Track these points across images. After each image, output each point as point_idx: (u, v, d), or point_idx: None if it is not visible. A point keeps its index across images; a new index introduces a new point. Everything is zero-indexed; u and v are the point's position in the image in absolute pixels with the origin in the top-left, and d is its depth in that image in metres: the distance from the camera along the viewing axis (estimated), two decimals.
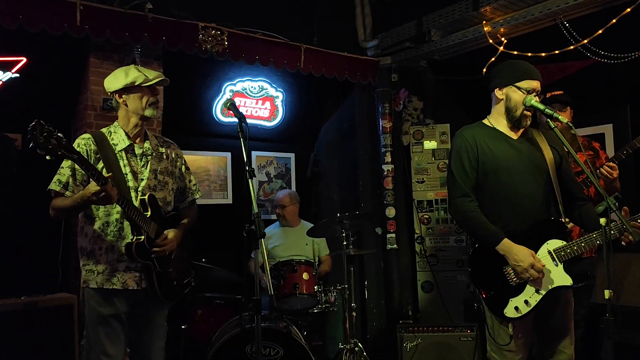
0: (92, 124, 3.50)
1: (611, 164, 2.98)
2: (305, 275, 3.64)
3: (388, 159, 4.79)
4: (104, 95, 3.44)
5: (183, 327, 3.54)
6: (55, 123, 2.05)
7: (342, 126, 5.12)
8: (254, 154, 4.92)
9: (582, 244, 2.33)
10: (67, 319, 3.33)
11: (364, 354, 3.65)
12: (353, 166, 4.97)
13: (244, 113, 3.51)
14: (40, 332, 3.27)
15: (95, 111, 3.53)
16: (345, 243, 3.62)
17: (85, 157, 2.29)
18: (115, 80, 2.47)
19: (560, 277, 2.34)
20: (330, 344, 4.34)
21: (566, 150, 2.42)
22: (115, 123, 2.54)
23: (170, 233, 2.50)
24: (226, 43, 3.84)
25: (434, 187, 4.75)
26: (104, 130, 2.52)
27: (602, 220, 2.04)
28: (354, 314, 3.66)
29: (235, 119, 2.34)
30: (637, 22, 3.35)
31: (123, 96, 2.47)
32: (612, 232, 2.25)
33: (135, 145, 2.52)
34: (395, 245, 4.74)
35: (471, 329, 3.89)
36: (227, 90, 4.51)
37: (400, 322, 4.11)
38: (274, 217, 4.75)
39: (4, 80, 3.42)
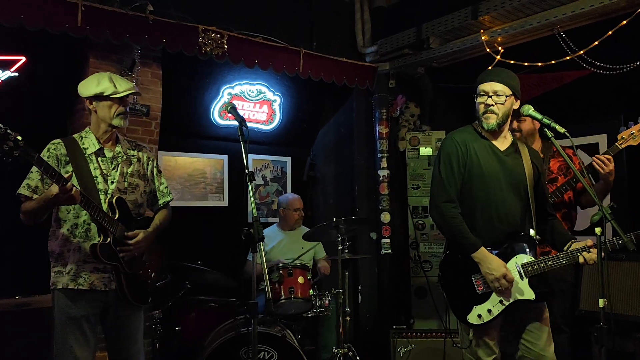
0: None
1: (606, 155, 2.87)
2: (300, 279, 3.64)
3: (384, 164, 4.81)
4: None
5: (177, 329, 3.52)
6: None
7: (339, 131, 5.13)
8: (250, 157, 4.92)
9: (549, 263, 2.39)
10: None
11: (357, 358, 3.66)
12: (349, 171, 4.98)
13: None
14: (33, 333, 3.25)
15: None
16: (340, 247, 3.63)
17: (55, 161, 2.37)
18: (87, 87, 2.51)
19: (524, 291, 2.40)
20: (323, 349, 4.34)
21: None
22: (87, 128, 2.58)
23: (140, 234, 2.51)
24: (226, 46, 3.85)
25: (429, 193, 4.76)
26: (75, 135, 2.56)
27: (597, 230, 2.07)
28: (348, 318, 3.67)
29: (233, 122, 2.35)
30: (632, 35, 3.40)
31: (93, 103, 2.52)
32: (574, 255, 2.34)
33: (105, 148, 2.55)
34: (389, 251, 4.76)
35: None
36: (225, 93, 4.51)
37: (394, 327, 4.12)
38: (269, 220, 4.76)
39: (2, 79, 3.40)
